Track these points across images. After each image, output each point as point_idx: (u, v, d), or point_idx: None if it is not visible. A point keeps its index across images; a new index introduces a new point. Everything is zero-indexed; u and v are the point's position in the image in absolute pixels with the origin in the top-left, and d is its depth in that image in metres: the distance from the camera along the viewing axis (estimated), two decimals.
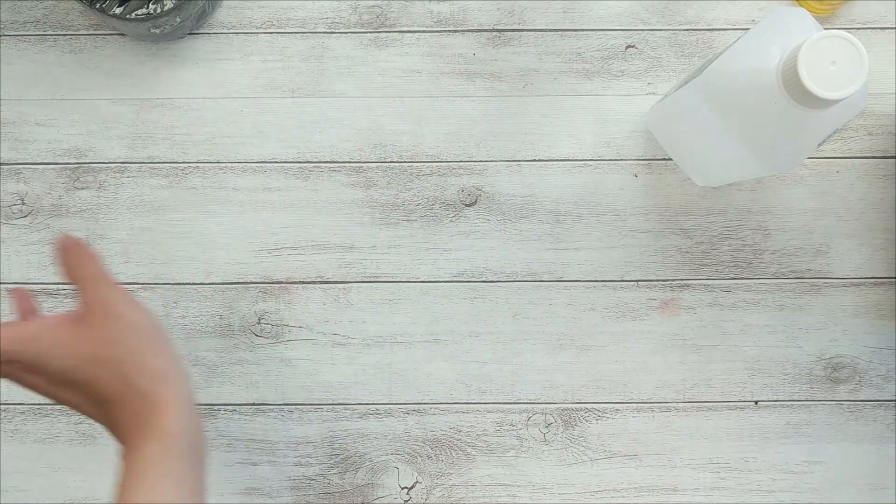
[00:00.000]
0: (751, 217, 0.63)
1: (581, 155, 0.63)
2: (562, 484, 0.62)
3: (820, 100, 0.44)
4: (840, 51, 0.43)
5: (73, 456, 0.62)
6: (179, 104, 0.63)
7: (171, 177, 0.63)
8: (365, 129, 0.63)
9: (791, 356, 0.63)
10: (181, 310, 0.62)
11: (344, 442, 0.62)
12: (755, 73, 0.47)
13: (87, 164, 0.63)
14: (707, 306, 0.63)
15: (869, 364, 0.63)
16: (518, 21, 0.64)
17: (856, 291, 0.63)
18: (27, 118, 0.63)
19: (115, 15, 0.58)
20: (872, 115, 0.63)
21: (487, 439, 0.62)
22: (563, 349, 0.62)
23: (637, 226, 0.63)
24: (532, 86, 0.64)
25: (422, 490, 0.62)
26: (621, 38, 0.64)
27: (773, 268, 0.63)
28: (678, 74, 0.63)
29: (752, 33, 0.48)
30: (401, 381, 0.62)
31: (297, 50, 0.63)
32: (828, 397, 0.63)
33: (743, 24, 0.64)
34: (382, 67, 0.63)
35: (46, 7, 0.64)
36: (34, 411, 0.62)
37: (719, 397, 0.63)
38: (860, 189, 0.63)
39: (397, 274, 0.63)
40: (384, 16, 0.64)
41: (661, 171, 0.63)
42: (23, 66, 0.63)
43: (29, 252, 0.63)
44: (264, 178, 0.63)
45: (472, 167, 0.63)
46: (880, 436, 0.62)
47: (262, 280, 0.63)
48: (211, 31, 0.64)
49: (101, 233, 0.63)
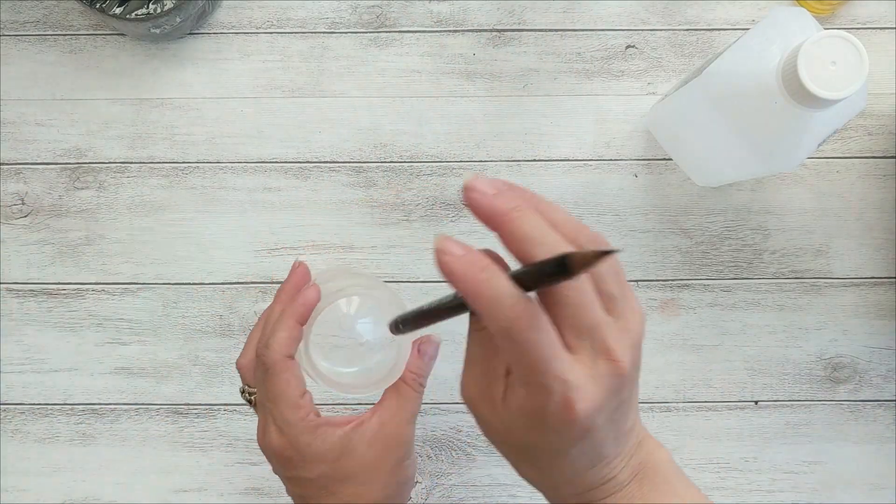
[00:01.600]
0: (751, 217, 0.63)
1: (581, 155, 0.63)
2: None
3: (820, 100, 0.44)
4: (840, 51, 0.43)
5: (73, 456, 0.62)
6: (179, 104, 0.63)
7: (171, 177, 0.63)
8: (365, 129, 0.63)
9: (791, 356, 0.63)
10: (181, 310, 0.62)
11: None
12: (755, 73, 0.47)
13: (87, 164, 0.63)
14: (707, 306, 0.63)
15: (869, 364, 0.63)
16: (518, 21, 0.64)
17: (856, 291, 0.63)
18: (27, 118, 0.63)
19: (115, 15, 0.58)
20: (872, 115, 0.63)
21: None
22: None
23: (637, 226, 0.63)
24: (532, 86, 0.63)
25: (422, 490, 0.62)
26: (621, 38, 0.64)
27: (773, 268, 0.63)
28: (678, 74, 0.63)
29: (752, 33, 0.48)
30: None
31: (297, 50, 0.63)
32: (828, 397, 0.63)
33: (743, 24, 0.63)
34: (382, 67, 0.63)
35: (46, 7, 0.64)
36: (34, 411, 0.62)
37: (719, 397, 0.63)
38: (860, 189, 0.63)
39: (397, 274, 0.63)
40: (384, 16, 0.64)
41: (661, 171, 0.63)
42: (23, 66, 0.63)
43: (29, 252, 0.63)
44: (264, 178, 0.63)
45: (472, 167, 0.63)
46: (880, 436, 0.62)
47: (262, 280, 0.63)
48: (211, 31, 0.64)
49: (101, 233, 0.63)
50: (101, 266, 0.63)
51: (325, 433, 0.44)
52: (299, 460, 0.44)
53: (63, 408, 0.62)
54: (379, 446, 0.45)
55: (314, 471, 0.44)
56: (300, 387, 0.45)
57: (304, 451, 0.44)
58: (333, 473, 0.44)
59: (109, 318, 0.62)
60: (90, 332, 0.62)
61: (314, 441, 0.44)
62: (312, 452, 0.44)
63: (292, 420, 0.44)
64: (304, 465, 0.44)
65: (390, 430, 0.45)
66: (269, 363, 0.44)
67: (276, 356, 0.44)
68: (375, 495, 0.45)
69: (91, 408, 0.62)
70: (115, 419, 0.62)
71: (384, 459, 0.45)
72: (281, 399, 0.44)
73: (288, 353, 0.44)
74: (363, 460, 0.44)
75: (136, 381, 0.62)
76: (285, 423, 0.44)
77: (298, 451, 0.44)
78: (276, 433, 0.45)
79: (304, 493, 0.46)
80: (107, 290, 0.63)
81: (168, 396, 0.62)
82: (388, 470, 0.45)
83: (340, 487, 0.44)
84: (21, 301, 0.62)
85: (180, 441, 0.62)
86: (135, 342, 0.62)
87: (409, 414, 0.46)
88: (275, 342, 0.44)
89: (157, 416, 0.62)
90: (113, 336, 0.62)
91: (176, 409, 0.62)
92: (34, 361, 0.62)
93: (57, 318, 0.62)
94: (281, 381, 0.44)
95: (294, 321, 0.45)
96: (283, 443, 0.44)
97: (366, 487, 0.44)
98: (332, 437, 0.44)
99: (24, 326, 0.62)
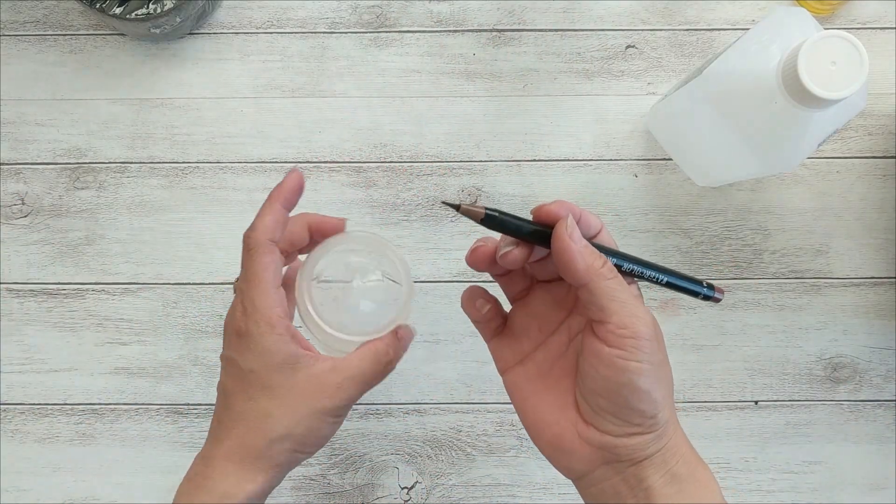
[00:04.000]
0: (751, 217, 0.63)
1: (581, 155, 0.63)
2: (562, 484, 0.62)
3: (820, 100, 0.44)
4: (840, 51, 0.43)
5: (73, 456, 0.62)
6: (179, 104, 0.63)
7: (171, 177, 0.63)
8: (365, 129, 0.63)
9: (791, 356, 0.63)
10: (181, 310, 0.62)
11: (344, 442, 0.62)
12: (755, 73, 0.47)
13: (87, 164, 0.63)
14: (707, 306, 0.63)
15: (869, 364, 0.63)
16: (518, 21, 0.64)
17: (856, 291, 0.63)
18: (27, 118, 0.63)
19: (115, 15, 0.58)
20: (872, 115, 0.63)
21: (487, 439, 0.62)
22: None
23: (637, 226, 0.63)
24: (532, 86, 0.63)
25: (422, 490, 0.62)
26: (621, 38, 0.64)
27: (773, 268, 0.63)
28: (678, 74, 0.63)
29: (752, 33, 0.48)
30: (401, 381, 0.62)
31: (297, 50, 0.63)
32: (828, 397, 0.63)
33: (743, 24, 0.63)
34: (382, 67, 0.63)
35: (46, 7, 0.64)
36: (34, 411, 0.62)
37: (719, 397, 0.63)
38: (860, 189, 0.63)
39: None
40: (384, 16, 0.64)
41: (661, 171, 0.63)
42: (23, 66, 0.63)
43: (29, 252, 0.63)
44: (264, 178, 0.63)
45: (472, 167, 0.63)
46: (880, 436, 0.62)
47: None
48: (211, 31, 0.64)
49: (101, 233, 0.63)
50: (101, 266, 0.63)
51: (281, 336, 0.43)
52: (244, 346, 0.43)
53: (63, 408, 0.62)
54: (315, 383, 0.43)
55: (249, 363, 0.43)
56: (277, 276, 0.44)
57: (255, 338, 0.43)
58: (262, 379, 0.43)
59: (109, 318, 0.62)
60: (90, 332, 0.62)
61: (268, 335, 0.42)
62: (260, 345, 0.43)
63: (259, 304, 0.43)
64: (246, 352, 0.43)
65: (336, 379, 0.44)
66: (252, 244, 0.44)
67: (260, 237, 0.44)
68: (284, 424, 0.43)
69: (91, 408, 0.62)
70: (114, 419, 0.62)
71: (312, 399, 0.43)
72: (254, 280, 0.43)
73: (271, 237, 0.44)
74: (294, 387, 0.43)
75: (136, 381, 0.62)
76: (251, 305, 0.43)
77: (249, 335, 0.43)
78: (241, 312, 0.43)
79: (228, 386, 0.44)
80: (107, 290, 0.63)
81: (168, 396, 0.62)
82: (308, 413, 0.43)
83: (259, 395, 0.43)
84: (21, 301, 0.62)
85: (180, 441, 0.62)
86: (135, 342, 0.62)
87: (365, 377, 0.44)
88: (260, 224, 0.44)
89: (156, 416, 0.62)
90: (113, 336, 0.62)
91: (176, 409, 0.62)
92: (34, 361, 0.62)
93: (57, 318, 0.62)
94: (258, 264, 0.43)
95: (279, 205, 0.45)
96: (241, 323, 0.43)
97: (280, 412, 0.43)
98: (285, 344, 0.43)
99: (24, 326, 0.62)
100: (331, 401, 0.43)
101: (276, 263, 0.44)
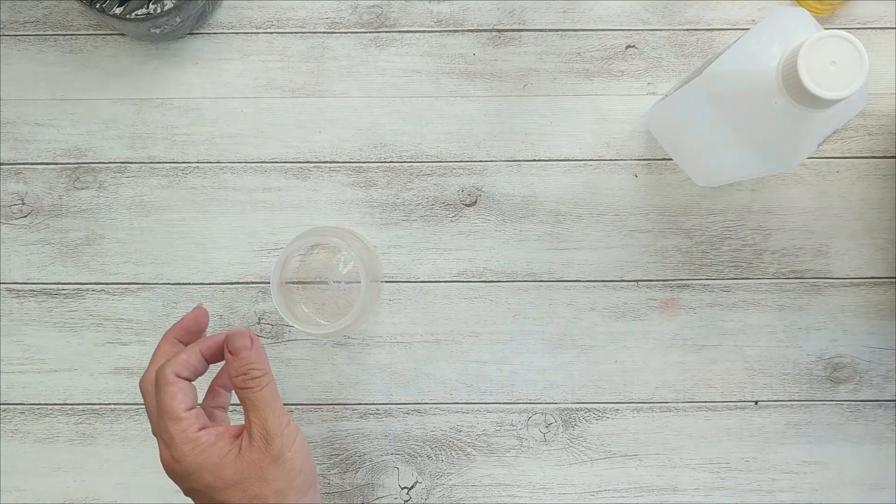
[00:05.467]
0: (751, 217, 0.63)
1: (581, 155, 0.63)
2: (562, 484, 0.62)
3: (820, 100, 0.44)
4: (840, 51, 0.43)
5: (73, 456, 0.62)
6: (179, 104, 0.63)
7: (171, 177, 0.63)
8: (365, 129, 0.63)
9: (791, 356, 0.63)
10: (181, 310, 0.62)
11: (344, 442, 0.62)
12: (755, 73, 0.47)
13: (87, 164, 0.63)
14: (707, 306, 0.63)
15: (869, 364, 0.63)
16: (518, 21, 0.64)
17: (856, 291, 0.63)
18: (27, 118, 0.63)
19: (115, 15, 0.58)
20: (872, 115, 0.63)
21: (487, 439, 0.62)
22: (563, 349, 0.62)
23: (637, 226, 0.63)
24: (532, 86, 0.63)
25: (422, 490, 0.62)
26: (621, 38, 0.64)
27: (773, 268, 0.63)
28: (678, 74, 0.63)
29: (752, 33, 0.48)
30: (401, 381, 0.62)
31: (297, 50, 0.63)
32: (828, 397, 0.63)
33: (743, 24, 0.63)
34: (382, 67, 0.63)
35: (46, 7, 0.64)
36: (34, 411, 0.62)
37: (719, 397, 0.63)
38: (860, 189, 0.63)
39: (397, 274, 0.63)
40: (384, 16, 0.64)
41: (661, 171, 0.63)
42: (23, 66, 0.63)
43: (29, 252, 0.63)
44: (264, 178, 0.63)
45: (472, 167, 0.63)
46: (880, 436, 0.62)
47: (262, 280, 0.63)
48: (211, 31, 0.64)
49: (101, 233, 0.63)
50: (101, 266, 0.63)
51: (201, 444, 0.45)
52: (185, 474, 0.45)
53: (63, 408, 0.62)
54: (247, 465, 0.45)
55: (200, 482, 0.45)
56: (186, 401, 0.46)
57: (185, 463, 0.45)
58: (217, 483, 0.45)
59: (109, 318, 0.62)
60: (90, 332, 0.62)
61: (192, 452, 0.45)
62: (192, 463, 0.45)
63: (174, 432, 0.45)
64: (190, 477, 0.45)
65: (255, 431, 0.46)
66: (159, 379, 0.46)
67: (166, 373, 0.46)
68: (269, 491, 0.45)
69: (91, 408, 0.62)
70: (115, 419, 0.62)
71: (261, 462, 0.45)
72: (165, 412, 0.45)
73: (175, 371, 0.46)
74: (239, 467, 0.45)
75: (136, 381, 0.62)
76: (169, 437, 0.45)
77: (181, 463, 0.45)
78: (164, 448, 0.46)
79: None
80: (107, 290, 0.63)
81: None
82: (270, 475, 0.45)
83: (230, 494, 0.45)
84: (21, 301, 0.62)
85: None
86: (135, 342, 0.62)
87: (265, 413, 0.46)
88: (166, 363, 0.47)
89: None
90: (113, 336, 0.62)
91: None
92: (34, 361, 0.62)
93: (57, 318, 0.62)
94: (167, 395, 0.45)
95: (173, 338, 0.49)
96: (168, 457, 0.46)
97: (257, 488, 0.45)
98: (208, 447, 0.45)
99: (23, 326, 0.62)
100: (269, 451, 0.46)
101: (183, 392, 0.46)
